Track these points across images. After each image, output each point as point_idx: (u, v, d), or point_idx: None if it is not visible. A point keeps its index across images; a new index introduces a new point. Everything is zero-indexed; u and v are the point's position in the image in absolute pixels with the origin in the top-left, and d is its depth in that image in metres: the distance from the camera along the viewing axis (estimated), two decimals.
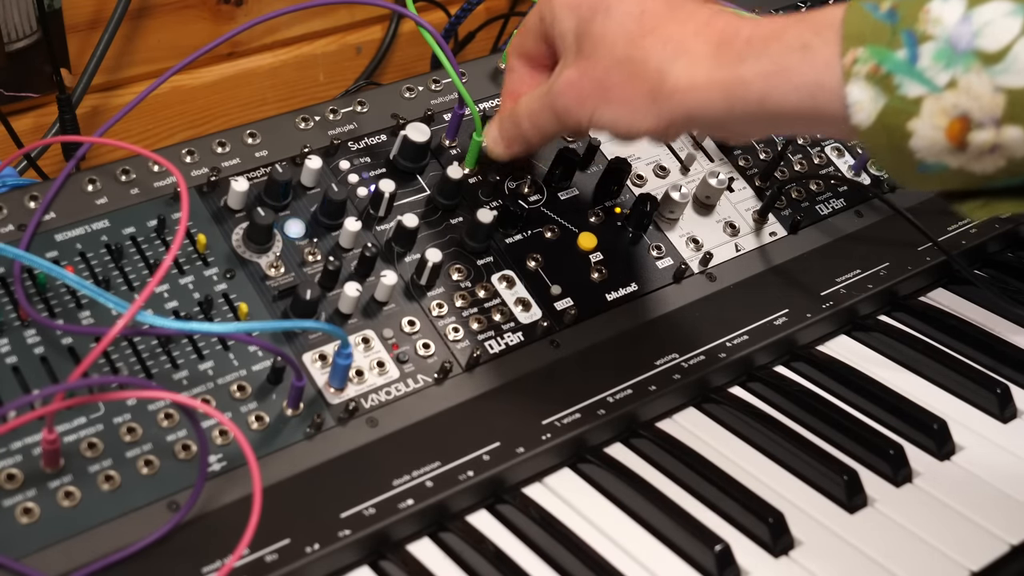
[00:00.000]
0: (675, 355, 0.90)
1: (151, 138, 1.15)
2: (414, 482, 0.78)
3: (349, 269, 0.86)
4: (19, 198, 0.83)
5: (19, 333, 0.77)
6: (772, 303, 0.95)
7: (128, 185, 0.85)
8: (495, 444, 0.81)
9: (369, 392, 0.82)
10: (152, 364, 0.78)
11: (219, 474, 0.76)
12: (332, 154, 0.92)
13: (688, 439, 0.87)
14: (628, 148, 1.01)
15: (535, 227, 0.93)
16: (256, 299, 0.83)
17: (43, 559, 0.70)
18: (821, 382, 0.94)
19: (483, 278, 0.89)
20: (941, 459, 0.88)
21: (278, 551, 0.73)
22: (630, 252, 0.95)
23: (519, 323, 0.88)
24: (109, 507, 0.73)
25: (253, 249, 0.85)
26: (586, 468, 0.84)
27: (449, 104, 0.98)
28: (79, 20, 1.05)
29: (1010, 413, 0.92)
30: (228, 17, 1.15)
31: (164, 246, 0.83)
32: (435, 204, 0.91)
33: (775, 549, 0.79)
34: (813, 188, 1.05)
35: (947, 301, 1.03)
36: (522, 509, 0.80)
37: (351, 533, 0.75)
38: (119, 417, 0.76)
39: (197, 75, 1.16)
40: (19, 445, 0.73)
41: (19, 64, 1.02)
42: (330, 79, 1.26)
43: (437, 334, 0.86)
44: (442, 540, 0.78)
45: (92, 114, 1.10)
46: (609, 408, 0.85)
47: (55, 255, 0.81)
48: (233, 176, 0.87)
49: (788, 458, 0.86)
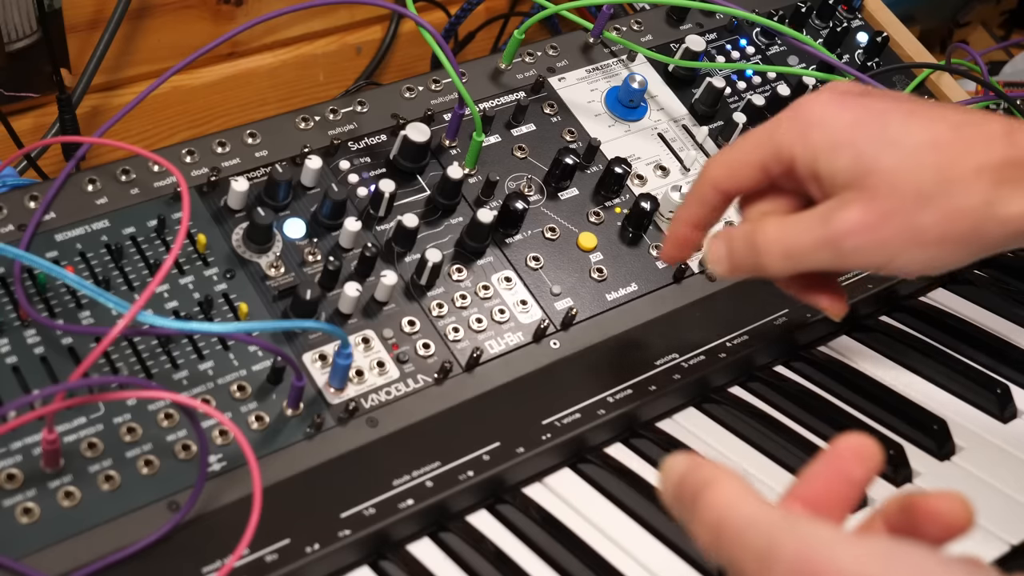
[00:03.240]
0: (675, 355, 0.90)
1: (151, 138, 1.15)
2: (414, 482, 0.78)
3: (349, 269, 0.86)
4: (19, 198, 0.83)
5: (19, 333, 0.77)
6: (772, 303, 0.95)
7: (128, 185, 0.86)
8: (495, 444, 0.81)
9: (369, 392, 0.82)
10: (152, 364, 0.78)
11: (219, 474, 0.76)
12: (332, 154, 0.92)
13: (688, 439, 0.87)
14: (628, 148, 1.01)
15: (535, 227, 0.93)
16: (256, 299, 0.83)
17: (43, 559, 0.70)
18: (821, 382, 0.94)
19: (483, 278, 0.90)
20: (941, 459, 0.88)
21: (278, 551, 0.73)
22: (630, 252, 0.95)
23: (519, 323, 0.88)
24: (109, 507, 0.73)
25: (253, 249, 0.85)
26: (586, 468, 0.84)
27: (449, 104, 0.98)
28: (79, 20, 1.05)
29: (1010, 413, 0.92)
30: (228, 17, 1.15)
31: (164, 246, 0.83)
32: (435, 204, 0.91)
33: None
34: None
35: (947, 301, 1.03)
36: (522, 509, 0.80)
37: (351, 533, 0.75)
38: (119, 417, 0.76)
39: (197, 75, 1.16)
40: (19, 445, 0.73)
41: (19, 64, 1.02)
42: (330, 79, 1.26)
43: (437, 334, 0.86)
44: (442, 540, 0.78)
45: (92, 114, 1.10)
46: (609, 408, 0.85)
47: (55, 255, 0.81)
48: (233, 176, 0.87)
49: (788, 458, 0.86)
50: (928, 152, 0.70)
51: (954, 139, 0.70)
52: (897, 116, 0.72)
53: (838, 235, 0.71)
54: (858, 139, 0.71)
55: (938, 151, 0.70)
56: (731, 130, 1.04)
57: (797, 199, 0.76)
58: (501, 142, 0.97)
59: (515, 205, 0.91)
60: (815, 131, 0.73)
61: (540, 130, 0.99)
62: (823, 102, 0.74)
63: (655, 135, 1.03)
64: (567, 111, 1.01)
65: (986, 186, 0.69)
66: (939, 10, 1.60)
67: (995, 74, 1.38)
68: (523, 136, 0.98)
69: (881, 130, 0.71)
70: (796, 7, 1.15)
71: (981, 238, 0.70)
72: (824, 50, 1.12)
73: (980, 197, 0.69)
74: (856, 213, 0.70)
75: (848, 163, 0.71)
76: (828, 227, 0.71)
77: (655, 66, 1.08)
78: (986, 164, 0.69)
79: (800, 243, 0.73)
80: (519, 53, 1.03)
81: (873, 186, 0.70)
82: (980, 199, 0.69)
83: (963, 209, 0.69)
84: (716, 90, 1.04)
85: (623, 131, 1.02)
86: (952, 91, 1.17)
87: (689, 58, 1.06)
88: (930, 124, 0.71)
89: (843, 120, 0.72)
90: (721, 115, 1.06)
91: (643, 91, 1.02)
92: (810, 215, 0.73)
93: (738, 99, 1.08)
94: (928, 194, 0.69)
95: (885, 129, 0.71)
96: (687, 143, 1.04)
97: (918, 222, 0.69)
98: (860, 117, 0.72)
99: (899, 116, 0.72)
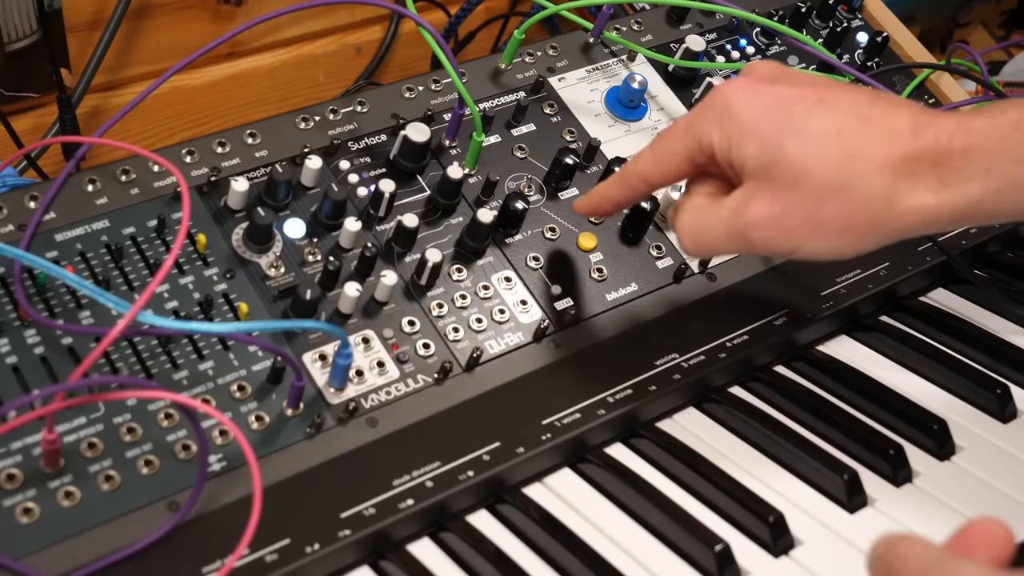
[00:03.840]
0: (675, 355, 0.90)
1: (151, 138, 1.15)
2: (414, 482, 0.78)
3: (349, 269, 0.86)
4: (19, 198, 0.83)
5: (19, 333, 0.77)
6: (772, 303, 0.95)
7: (128, 185, 0.86)
8: (495, 444, 0.81)
9: (369, 392, 0.82)
10: (152, 364, 0.78)
11: (219, 474, 0.76)
12: (332, 154, 0.92)
13: (688, 439, 0.87)
14: (628, 148, 1.01)
15: (535, 227, 0.93)
16: (256, 299, 0.83)
17: (43, 559, 0.70)
18: (821, 382, 0.94)
19: (483, 278, 0.89)
20: (941, 459, 0.88)
21: (278, 551, 0.73)
22: (630, 252, 0.95)
23: (519, 323, 0.88)
24: (109, 507, 0.73)
25: (253, 249, 0.85)
26: (586, 468, 0.84)
27: (449, 104, 0.98)
28: (79, 20, 1.05)
29: (1010, 413, 0.92)
30: (228, 17, 1.15)
31: (164, 246, 0.83)
32: (435, 204, 0.91)
33: (775, 549, 0.79)
34: None
35: (947, 301, 1.03)
36: (522, 509, 0.80)
37: (351, 533, 0.75)
38: (119, 417, 0.76)
39: (197, 75, 1.16)
40: (19, 445, 0.73)
41: (19, 64, 1.02)
42: (330, 79, 1.26)
43: (437, 334, 0.86)
44: (442, 540, 0.78)
45: (92, 114, 1.10)
46: (609, 408, 0.85)
47: (55, 255, 0.81)
48: (233, 176, 0.87)
49: (788, 458, 0.86)
50: (832, 142, 0.71)
51: (858, 130, 0.71)
52: (804, 105, 0.73)
53: (745, 228, 0.74)
54: (764, 129, 0.73)
55: (841, 142, 0.71)
56: None
57: (725, 183, 0.78)
58: (501, 142, 0.97)
59: (515, 205, 0.91)
60: (728, 120, 0.75)
61: (540, 130, 0.99)
62: (735, 89, 0.75)
63: (655, 135, 1.03)
64: (567, 111, 1.01)
65: (886, 180, 0.70)
66: (939, 10, 1.60)
67: (995, 74, 1.38)
68: (523, 136, 0.98)
69: (787, 119, 0.73)
70: (796, 7, 1.15)
71: (880, 229, 0.71)
72: (824, 50, 1.12)
73: (879, 191, 0.70)
74: (762, 206, 0.73)
75: (755, 152, 0.73)
76: (735, 221, 0.74)
77: (655, 66, 1.08)
78: (888, 158, 0.70)
79: (710, 235, 0.77)
80: (519, 53, 1.03)
81: (779, 177, 0.72)
82: (879, 192, 0.70)
83: (863, 202, 0.71)
84: None
85: (623, 131, 1.02)
86: (952, 91, 1.17)
87: (689, 58, 1.06)
88: (836, 114, 0.72)
89: (753, 109, 0.74)
90: None
91: (643, 91, 1.02)
92: (720, 207, 0.76)
93: None
94: (831, 186, 0.71)
95: (791, 119, 0.73)
96: None
97: (821, 214, 0.71)
98: (768, 105, 0.74)
99: (806, 105, 0.73)
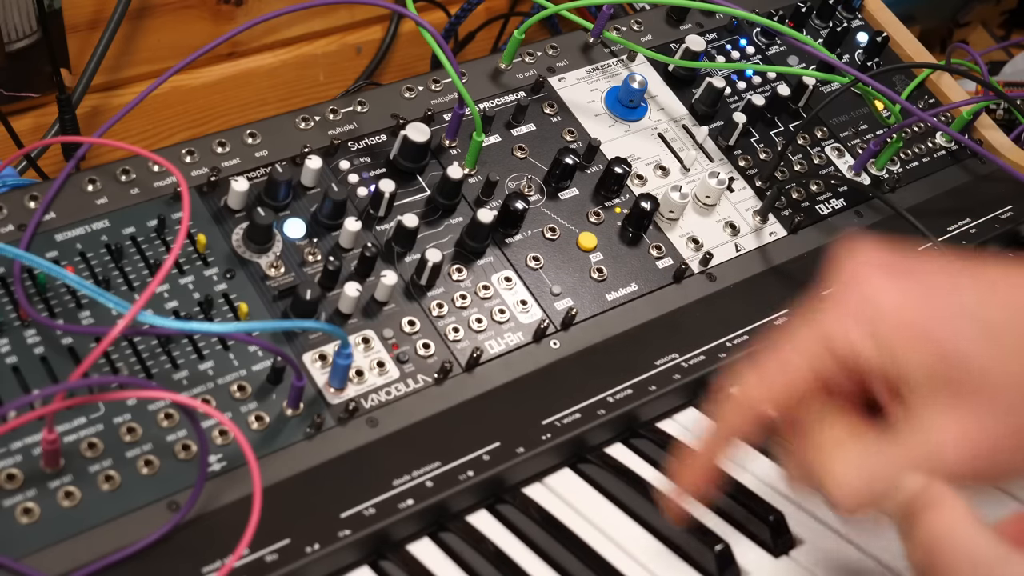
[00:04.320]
0: (675, 355, 0.90)
1: (151, 138, 1.15)
2: (414, 482, 0.78)
3: (349, 269, 0.86)
4: (19, 198, 0.83)
5: (19, 333, 0.77)
6: (772, 303, 0.95)
7: (128, 185, 0.86)
8: (495, 444, 0.81)
9: (369, 392, 0.82)
10: (152, 364, 0.78)
11: (219, 474, 0.76)
12: (332, 154, 0.92)
13: (689, 439, 0.87)
14: (628, 148, 1.01)
15: (535, 227, 0.93)
16: (256, 299, 0.83)
17: (43, 559, 0.70)
18: None
19: (483, 278, 0.90)
20: None
21: (278, 551, 0.73)
22: (630, 252, 0.95)
23: (519, 323, 0.88)
24: (109, 507, 0.73)
25: (253, 249, 0.85)
26: (586, 468, 0.84)
27: (449, 104, 0.98)
28: (79, 20, 1.05)
29: None
30: (228, 17, 1.15)
31: (164, 246, 0.83)
32: (435, 204, 0.91)
33: (776, 549, 0.79)
34: (813, 188, 1.05)
35: None
36: (522, 509, 0.80)
37: (351, 533, 0.75)
38: (119, 417, 0.76)
39: (197, 75, 1.16)
40: (19, 445, 0.73)
41: (19, 64, 1.02)
42: (330, 79, 1.26)
43: (437, 334, 0.86)
44: (442, 540, 0.78)
45: (92, 114, 1.10)
46: (609, 408, 0.85)
47: (55, 255, 0.81)
48: (233, 176, 0.87)
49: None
50: (1006, 334, 0.59)
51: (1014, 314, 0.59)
52: (964, 288, 0.61)
53: (935, 457, 0.58)
54: (932, 331, 0.59)
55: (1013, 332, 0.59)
56: (731, 130, 1.03)
57: (857, 403, 0.64)
58: (501, 142, 0.97)
59: (515, 205, 0.91)
60: (881, 321, 0.61)
61: (540, 130, 0.99)
62: (874, 280, 0.62)
63: (655, 135, 1.03)
64: (567, 111, 1.01)
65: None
66: (939, 10, 1.60)
67: (995, 74, 1.38)
68: (523, 136, 0.98)
69: (959, 309, 0.60)
70: (796, 7, 1.15)
71: None
72: (824, 50, 1.12)
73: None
74: (948, 424, 0.58)
75: (924, 360, 0.59)
76: (921, 450, 0.59)
77: (655, 66, 1.08)
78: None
79: (885, 478, 0.59)
80: (519, 53, 1.03)
81: (972, 389, 0.58)
82: None
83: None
84: (716, 90, 1.04)
85: (623, 131, 1.02)
86: (952, 91, 1.17)
87: (689, 58, 1.06)
88: (1008, 293, 0.61)
89: (908, 302, 0.60)
90: (721, 115, 1.06)
91: (643, 91, 1.02)
92: (885, 439, 0.61)
93: (738, 99, 1.08)
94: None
95: (961, 308, 0.60)
96: (687, 143, 1.04)
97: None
98: (924, 295, 0.61)
99: (966, 288, 0.61)
